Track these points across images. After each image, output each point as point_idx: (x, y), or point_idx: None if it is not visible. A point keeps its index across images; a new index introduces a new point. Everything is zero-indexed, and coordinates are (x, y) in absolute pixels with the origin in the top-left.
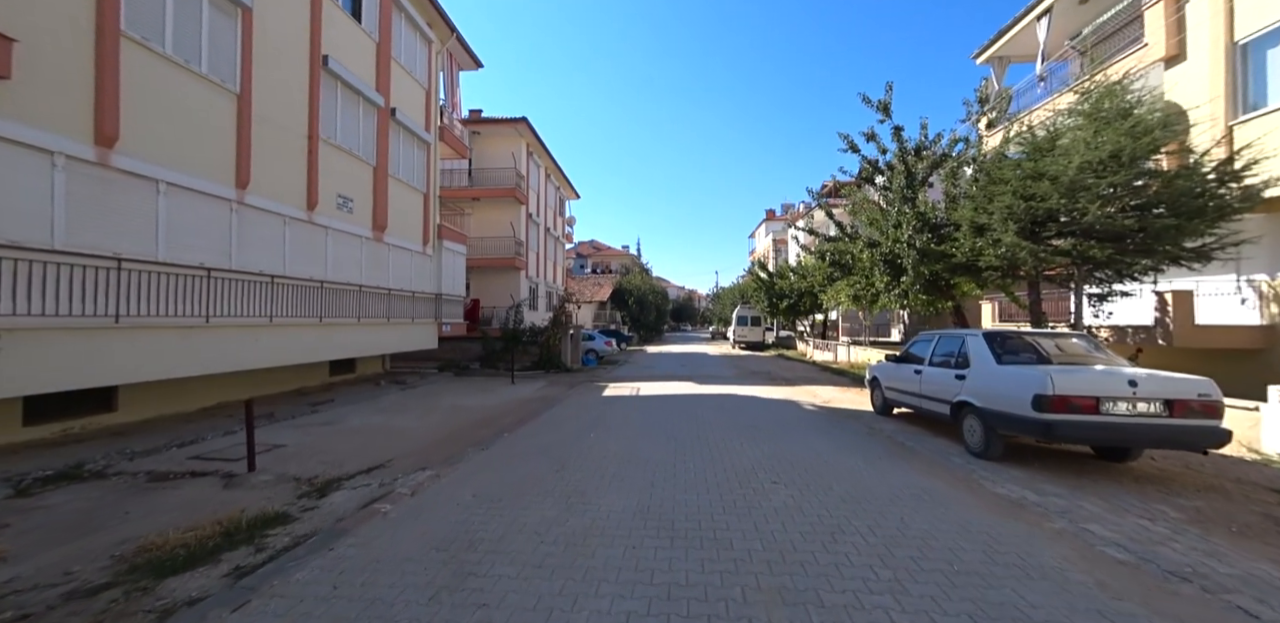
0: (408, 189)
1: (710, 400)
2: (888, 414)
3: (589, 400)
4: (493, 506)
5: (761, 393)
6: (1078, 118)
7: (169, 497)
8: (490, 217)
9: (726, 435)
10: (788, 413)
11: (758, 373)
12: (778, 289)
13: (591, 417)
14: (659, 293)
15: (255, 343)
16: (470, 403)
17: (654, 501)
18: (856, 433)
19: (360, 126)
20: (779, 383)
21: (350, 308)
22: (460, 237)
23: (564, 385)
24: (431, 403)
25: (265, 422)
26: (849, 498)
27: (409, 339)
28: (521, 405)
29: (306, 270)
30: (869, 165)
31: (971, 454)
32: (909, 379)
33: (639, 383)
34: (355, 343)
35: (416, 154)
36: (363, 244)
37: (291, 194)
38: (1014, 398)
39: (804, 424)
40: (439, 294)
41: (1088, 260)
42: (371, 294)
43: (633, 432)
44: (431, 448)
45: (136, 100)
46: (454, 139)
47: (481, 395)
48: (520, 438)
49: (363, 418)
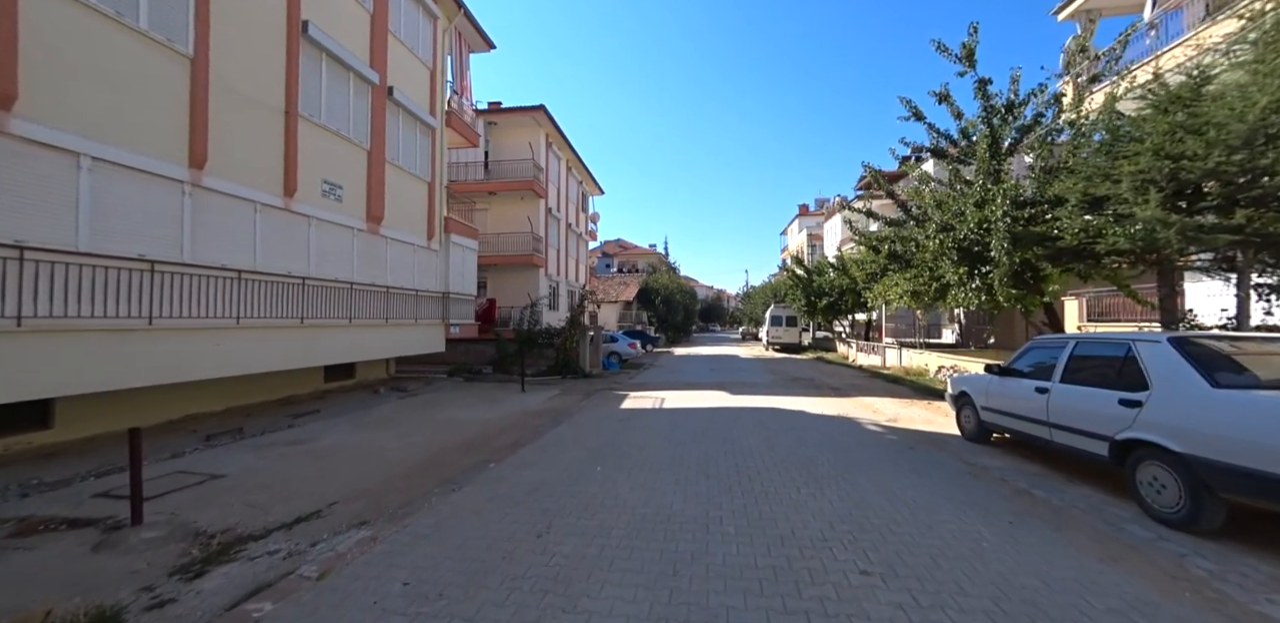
0: (409, 177)
1: (748, 416)
2: (983, 441)
3: (603, 415)
4: (425, 610)
5: (809, 406)
6: (1256, 47)
7: (7, 565)
8: (507, 212)
9: (776, 473)
10: (848, 436)
11: (799, 380)
12: (815, 286)
13: (602, 440)
14: (687, 292)
15: (216, 349)
16: (468, 416)
17: (675, 607)
18: (953, 471)
19: (351, 105)
20: (826, 392)
21: (339, 308)
22: (471, 231)
23: (579, 394)
24: (425, 416)
25: (228, 440)
26: (1003, 617)
27: (411, 342)
28: (524, 420)
29: (284, 265)
30: (937, 135)
31: (1158, 521)
32: (1026, 400)
33: (664, 392)
34: (345, 347)
35: (419, 140)
36: (355, 237)
37: (264, 177)
38: (1263, 445)
39: (875, 455)
40: (446, 293)
41: (1267, 238)
42: (366, 292)
43: (651, 465)
44: (393, 484)
45: (44, 57)
46: (463, 125)
47: (484, 406)
48: (507, 471)
49: (340, 435)
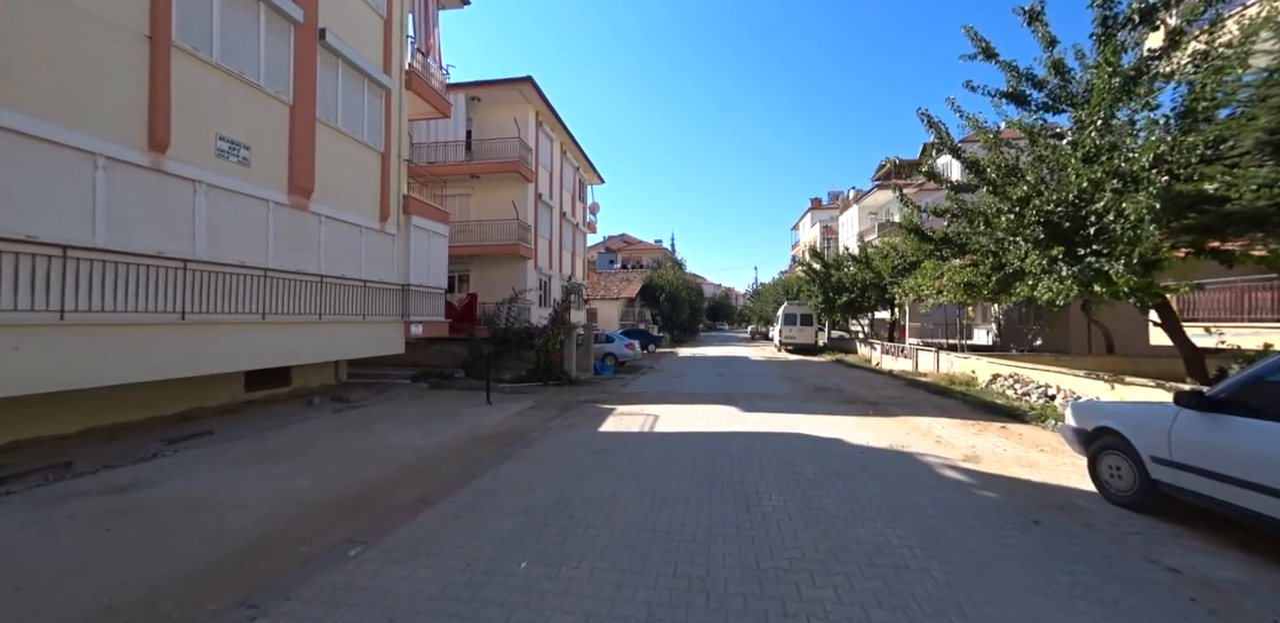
0: (353, 145)
1: (768, 448)
2: (1149, 510)
3: (573, 444)
4: None
5: (847, 431)
6: None
7: None
8: (492, 198)
9: (828, 587)
10: (921, 491)
11: (823, 390)
12: (834, 282)
13: (553, 495)
14: (693, 288)
15: (15, 354)
16: (400, 442)
17: None
18: (1153, 592)
19: (263, 45)
20: (862, 409)
21: (247, 300)
22: (440, 214)
23: (555, 408)
24: (344, 441)
25: (24, 485)
26: None
27: (357, 343)
28: (466, 450)
29: (152, 242)
30: (1017, 77)
31: None
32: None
33: (659, 407)
34: (256, 351)
35: (369, 101)
36: (272, 212)
37: (111, 122)
38: None
39: (983, 540)
40: (406, 285)
41: None
42: (288, 281)
43: (613, 559)
44: (158, 603)
45: None
46: (429, 90)
47: (430, 425)
48: (373, 566)
49: (196, 477)
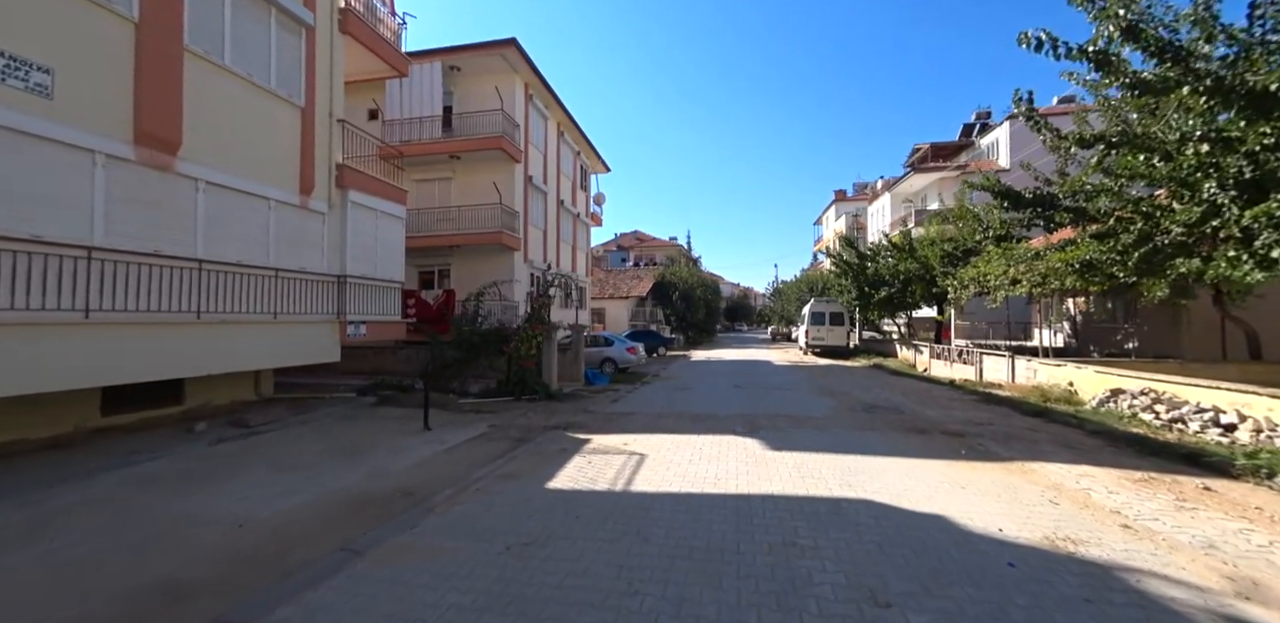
0: (252, 90)
1: (820, 546)
2: None
3: (486, 523)
4: None
5: (949, 497)
6: None
7: None
8: (476, 181)
9: None
10: None
11: (876, 409)
12: (871, 274)
13: None
14: (709, 286)
15: None
16: (234, 509)
17: None
18: None
19: None
20: (945, 444)
21: (61, 292)
22: (393, 191)
23: (507, 441)
24: (156, 509)
25: None
26: None
27: (262, 350)
28: (312, 534)
29: None
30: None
31: None
32: None
33: (649, 438)
34: (74, 366)
35: (280, 37)
36: (101, 168)
37: None
38: None
39: None
40: (343, 276)
41: None
42: (134, 266)
43: None
44: None
45: None
46: (373, 37)
47: (315, 470)
48: None
49: None
